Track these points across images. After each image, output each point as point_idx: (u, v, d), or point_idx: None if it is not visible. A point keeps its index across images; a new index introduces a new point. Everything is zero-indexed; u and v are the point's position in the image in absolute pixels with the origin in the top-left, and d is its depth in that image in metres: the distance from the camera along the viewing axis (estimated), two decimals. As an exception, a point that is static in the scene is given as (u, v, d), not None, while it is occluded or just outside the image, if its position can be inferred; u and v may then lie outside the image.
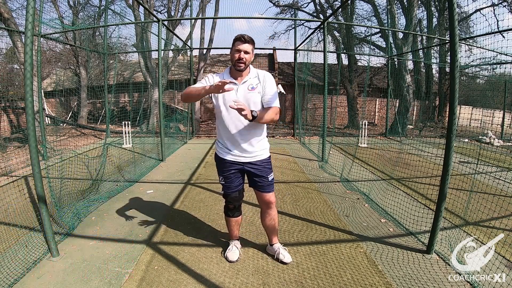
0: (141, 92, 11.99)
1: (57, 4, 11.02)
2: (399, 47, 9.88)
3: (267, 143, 2.14)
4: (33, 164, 2.12)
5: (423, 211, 3.12)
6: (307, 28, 13.77)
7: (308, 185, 4.20)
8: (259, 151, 2.06)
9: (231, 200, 2.18)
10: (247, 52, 1.89)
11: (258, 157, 2.07)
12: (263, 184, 2.09)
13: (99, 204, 3.43)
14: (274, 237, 2.33)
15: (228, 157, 2.06)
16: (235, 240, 2.41)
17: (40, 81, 5.76)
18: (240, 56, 1.88)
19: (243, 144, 2.01)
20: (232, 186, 2.13)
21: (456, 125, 2.21)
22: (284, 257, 2.25)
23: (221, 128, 2.05)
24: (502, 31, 5.88)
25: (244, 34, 1.90)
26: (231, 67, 2.02)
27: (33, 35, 2.01)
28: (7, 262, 2.19)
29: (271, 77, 2.05)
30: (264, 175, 2.08)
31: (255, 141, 2.03)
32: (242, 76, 1.99)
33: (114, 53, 9.95)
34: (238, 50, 1.88)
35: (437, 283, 2.00)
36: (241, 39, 1.88)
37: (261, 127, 2.06)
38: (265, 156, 2.10)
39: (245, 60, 1.90)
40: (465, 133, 10.23)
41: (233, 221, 2.30)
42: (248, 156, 2.04)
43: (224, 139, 2.06)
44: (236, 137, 2.00)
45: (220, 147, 2.10)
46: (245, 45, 1.88)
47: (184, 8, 12.05)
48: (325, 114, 5.70)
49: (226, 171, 2.10)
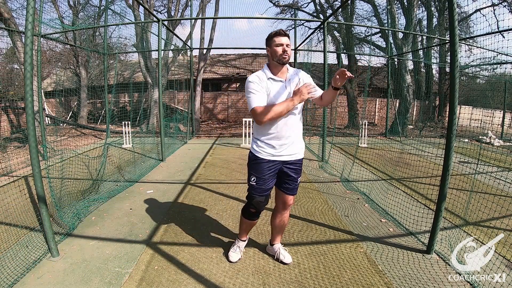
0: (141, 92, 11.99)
1: (57, 4, 11.01)
2: (399, 47, 9.88)
3: (303, 142, 2.14)
4: (33, 164, 2.12)
5: (423, 211, 3.12)
6: (307, 28, 13.76)
7: (308, 185, 4.20)
8: (301, 149, 2.07)
9: (256, 204, 2.07)
10: (288, 45, 1.90)
11: (298, 155, 2.06)
12: (291, 186, 2.09)
13: (99, 204, 3.43)
14: (278, 238, 2.33)
15: (269, 156, 1.98)
16: (242, 241, 2.36)
17: (40, 81, 5.76)
18: (284, 49, 1.87)
19: (290, 142, 1.98)
20: (263, 188, 2.03)
21: (456, 125, 2.21)
22: (284, 258, 2.25)
23: (267, 127, 1.95)
24: (502, 31, 5.88)
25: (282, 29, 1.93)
26: (268, 64, 1.99)
27: (33, 35, 2.00)
28: (7, 262, 2.19)
29: (308, 75, 2.10)
30: (296, 176, 2.07)
31: (298, 138, 2.04)
32: (284, 72, 1.98)
33: (114, 53, 9.95)
34: (281, 43, 1.87)
35: (437, 283, 2.00)
36: (280, 33, 1.89)
37: (301, 126, 2.08)
38: (302, 155, 2.09)
39: (288, 53, 1.89)
40: (465, 133, 10.22)
41: (250, 225, 2.24)
42: (291, 154, 2.01)
43: (269, 139, 1.97)
44: (284, 135, 1.95)
45: (261, 146, 2.00)
46: (285, 38, 1.89)
47: (184, 8, 12.06)
48: (325, 114, 5.71)
49: (263, 171, 2.00)
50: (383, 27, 10.37)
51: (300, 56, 9.02)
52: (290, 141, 1.98)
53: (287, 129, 1.96)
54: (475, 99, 11.32)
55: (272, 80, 1.93)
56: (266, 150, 1.99)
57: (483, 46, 6.66)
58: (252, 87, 1.89)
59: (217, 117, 15.74)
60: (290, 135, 1.97)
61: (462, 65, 9.24)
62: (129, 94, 14.77)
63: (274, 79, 1.94)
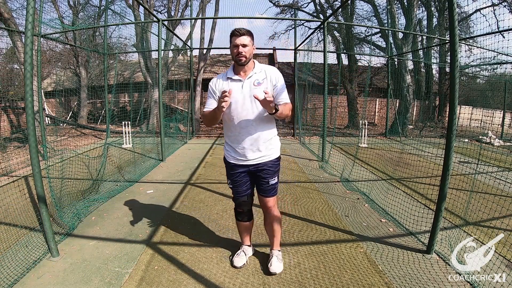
0: (141, 92, 11.99)
1: (57, 4, 11.01)
2: (399, 47, 9.88)
3: (276, 142, 2.01)
4: (33, 164, 2.12)
5: (423, 211, 3.12)
6: (307, 28, 13.77)
7: (308, 185, 4.20)
8: (266, 152, 1.95)
9: (240, 204, 2.10)
10: (245, 45, 1.81)
11: (265, 158, 1.95)
12: (264, 188, 2.01)
13: (99, 204, 3.43)
14: (273, 243, 2.21)
15: (234, 160, 1.99)
16: (245, 245, 2.31)
17: (40, 81, 5.76)
18: (239, 51, 1.80)
19: (250, 146, 1.91)
20: (240, 190, 2.05)
21: (456, 125, 2.21)
22: (271, 266, 2.11)
23: (227, 129, 1.97)
24: (502, 31, 5.88)
25: (240, 27, 1.82)
26: (234, 63, 1.94)
27: (33, 35, 2.00)
28: (7, 262, 2.19)
29: (278, 72, 1.95)
30: (266, 177, 1.97)
31: (262, 141, 1.92)
32: (246, 71, 1.90)
33: (114, 53, 9.95)
34: (235, 45, 1.81)
35: (437, 283, 2.00)
36: (236, 33, 1.80)
37: (268, 127, 1.94)
38: (273, 157, 1.98)
39: (244, 53, 1.81)
40: (465, 133, 10.22)
41: (242, 226, 2.21)
42: (254, 158, 1.94)
43: (230, 141, 1.98)
44: (242, 139, 1.91)
45: (227, 149, 2.02)
46: (241, 38, 1.80)
47: (184, 8, 12.06)
48: (325, 114, 5.70)
49: (233, 174, 2.02)
50: (383, 27, 10.37)
51: (300, 56, 9.03)
52: (249, 146, 1.91)
53: (245, 132, 1.90)
54: (475, 99, 11.31)
55: (230, 80, 1.91)
56: (231, 154, 2.00)
57: (483, 46, 6.66)
58: (208, 90, 2.02)
59: (217, 117, 15.70)
60: (249, 140, 1.90)
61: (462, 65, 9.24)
62: (129, 94, 14.77)
63: (232, 78, 1.90)
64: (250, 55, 1.86)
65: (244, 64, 1.86)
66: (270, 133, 1.96)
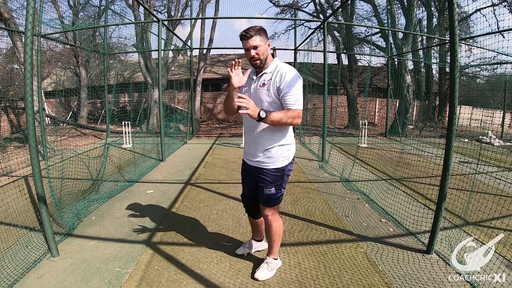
0: (141, 92, 11.99)
1: (57, 4, 11.02)
2: (399, 47, 9.88)
3: (279, 153, 1.85)
4: (33, 164, 2.12)
5: (423, 211, 3.12)
6: (307, 28, 13.77)
7: (308, 185, 4.20)
8: (264, 159, 1.86)
9: (242, 199, 2.19)
10: (256, 46, 1.72)
11: (262, 164, 1.88)
12: (260, 195, 1.96)
13: (99, 204, 3.43)
14: (268, 250, 2.16)
15: (244, 154, 2.07)
16: (252, 239, 2.40)
17: (40, 81, 5.76)
18: (251, 55, 1.74)
19: (252, 146, 1.90)
20: (244, 185, 2.14)
21: (456, 125, 2.21)
22: (257, 271, 2.07)
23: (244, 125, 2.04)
24: (502, 31, 5.88)
25: (247, 28, 1.73)
26: None
27: (33, 35, 2.00)
28: (7, 262, 2.19)
29: (291, 72, 1.75)
30: (261, 185, 1.89)
31: (262, 148, 1.85)
32: (262, 69, 1.85)
33: (114, 53, 9.95)
34: (246, 48, 1.75)
35: (437, 283, 2.00)
36: (244, 36, 1.72)
37: (272, 135, 1.82)
38: (270, 167, 1.86)
39: (257, 56, 1.74)
40: (465, 133, 10.22)
41: (250, 219, 2.28)
42: (253, 160, 1.92)
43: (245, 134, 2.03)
44: (248, 137, 1.95)
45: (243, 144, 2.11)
46: (249, 40, 1.72)
47: (184, 8, 12.07)
48: (325, 114, 5.70)
49: (242, 168, 2.11)
50: (383, 27, 10.37)
51: (300, 56, 9.03)
52: (250, 146, 1.93)
53: (249, 133, 1.92)
54: (475, 99, 11.30)
55: (249, 78, 1.90)
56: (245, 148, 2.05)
57: (483, 46, 6.66)
58: None
59: (217, 117, 15.74)
60: (253, 140, 1.89)
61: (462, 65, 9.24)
62: (129, 94, 14.77)
63: (250, 76, 1.89)
64: (264, 54, 1.76)
65: (260, 66, 1.80)
66: (274, 141, 1.84)
